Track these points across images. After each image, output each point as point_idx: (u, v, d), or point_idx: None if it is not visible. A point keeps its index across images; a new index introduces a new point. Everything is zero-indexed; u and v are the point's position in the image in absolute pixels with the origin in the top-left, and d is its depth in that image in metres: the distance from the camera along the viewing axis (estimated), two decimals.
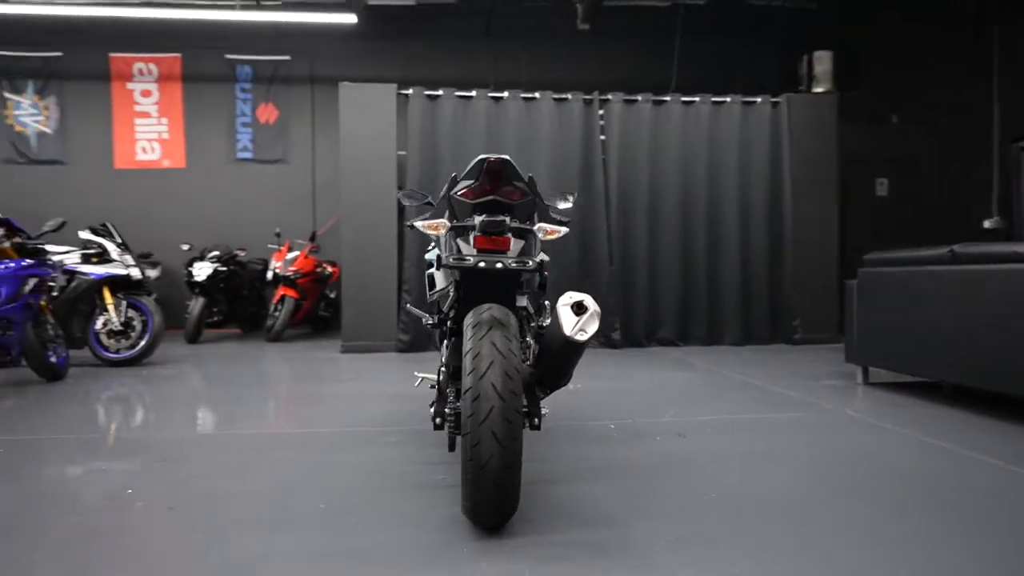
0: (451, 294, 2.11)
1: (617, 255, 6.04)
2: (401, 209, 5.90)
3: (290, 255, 6.87)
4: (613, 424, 2.97)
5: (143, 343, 4.85)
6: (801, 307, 6.16)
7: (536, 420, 1.78)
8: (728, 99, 6.19)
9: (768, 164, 6.20)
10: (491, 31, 8.18)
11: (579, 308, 1.75)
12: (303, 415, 3.33)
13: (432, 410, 1.84)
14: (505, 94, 5.94)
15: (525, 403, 1.79)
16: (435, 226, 1.81)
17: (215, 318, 6.96)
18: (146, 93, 8.20)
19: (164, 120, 8.23)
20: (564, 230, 1.82)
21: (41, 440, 2.75)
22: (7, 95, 8.02)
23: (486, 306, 1.73)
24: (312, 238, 7.15)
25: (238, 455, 2.52)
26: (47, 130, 8.09)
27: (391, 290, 5.73)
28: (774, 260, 6.22)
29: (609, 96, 6.07)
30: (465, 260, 1.71)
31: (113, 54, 8.12)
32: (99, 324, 4.83)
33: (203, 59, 8.18)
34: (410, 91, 5.85)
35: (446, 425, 1.80)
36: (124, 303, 4.87)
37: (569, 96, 6.01)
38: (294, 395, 3.96)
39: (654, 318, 6.11)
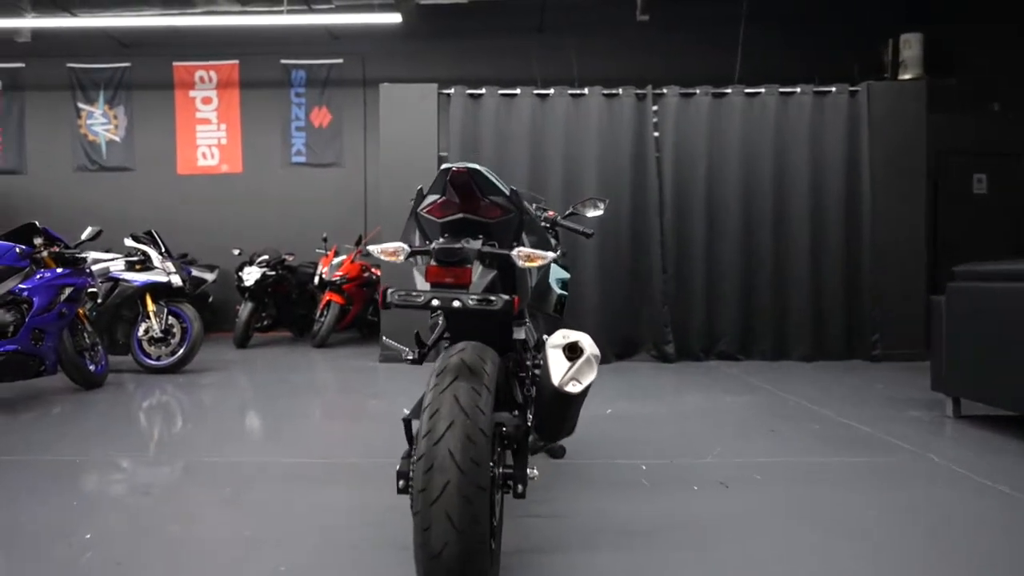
0: (440, 323, 1.84)
1: (672, 261, 5.59)
2: None
3: (336, 260, 6.80)
4: (645, 465, 2.60)
5: (181, 351, 4.84)
6: (881, 320, 5.51)
7: (520, 486, 1.46)
8: (798, 89, 5.62)
9: (844, 160, 5.58)
10: (543, 26, 7.85)
11: (572, 351, 1.43)
12: (319, 439, 3.14)
13: (399, 465, 1.51)
14: (551, 91, 5.61)
15: (508, 464, 1.48)
16: (392, 252, 1.52)
17: (264, 322, 6.98)
18: (206, 100, 8.38)
19: (223, 126, 8.38)
20: (549, 255, 1.48)
21: (30, 462, 2.67)
22: (81, 106, 8.38)
23: (459, 346, 1.43)
24: (358, 243, 7.06)
25: (229, 489, 2.33)
26: (116, 138, 8.41)
27: None
28: (850, 266, 5.60)
29: (663, 90, 5.62)
30: (412, 299, 1.40)
31: (176, 63, 8.34)
32: (141, 331, 4.86)
33: (259, 65, 8.27)
34: (451, 90, 5.62)
35: (409, 490, 1.47)
36: (165, 310, 4.88)
37: (620, 91, 5.60)
38: (318, 412, 3.79)
39: (712, 330, 5.62)
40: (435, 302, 1.37)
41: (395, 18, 6.93)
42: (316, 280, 6.79)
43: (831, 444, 2.92)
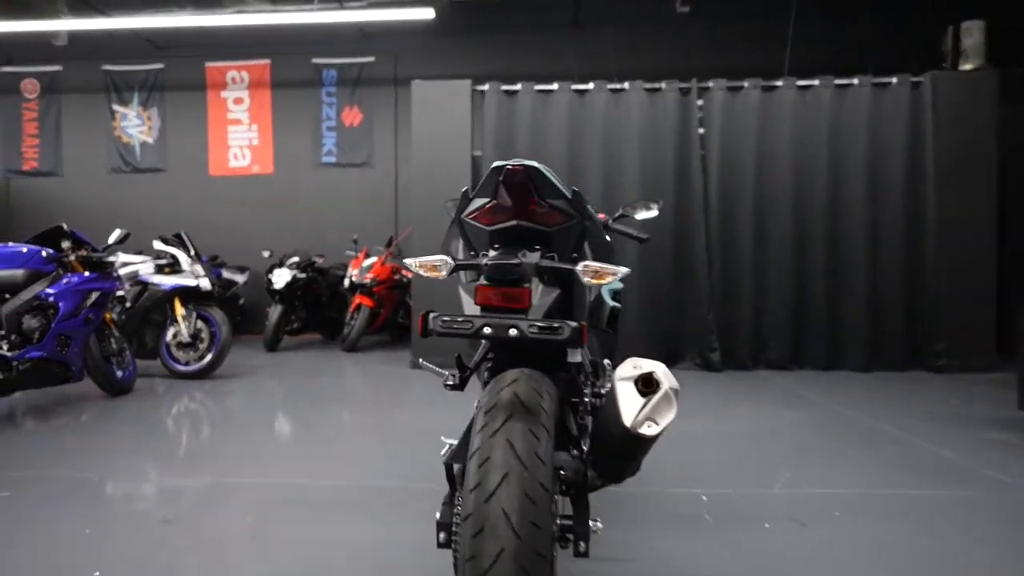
0: (482, 343, 1.61)
1: (718, 264, 5.29)
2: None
3: (366, 262, 6.65)
4: (705, 495, 2.35)
5: (210, 356, 4.72)
6: (947, 326, 5.12)
7: (582, 543, 1.22)
8: (855, 81, 5.26)
9: (905, 155, 5.20)
10: (579, 20, 7.59)
11: (647, 386, 1.20)
12: (349, 457, 2.95)
13: (439, 514, 1.30)
14: (590, 86, 5.36)
15: (567, 516, 1.25)
16: (433, 266, 1.30)
17: (294, 325, 6.87)
18: (238, 101, 8.32)
19: (254, 127, 8.31)
20: (623, 271, 1.25)
21: (48, 478, 2.54)
22: (115, 107, 8.40)
23: (511, 375, 1.21)
24: (389, 244, 6.90)
25: (251, 518, 2.15)
26: (149, 140, 8.41)
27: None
28: (912, 270, 5.22)
29: (709, 83, 5.32)
30: (460, 327, 1.17)
31: (209, 63, 8.30)
32: (169, 335, 4.76)
33: (290, 64, 8.18)
34: (486, 87, 5.41)
35: (452, 545, 1.24)
36: (193, 314, 4.77)
37: (663, 85, 5.32)
38: (349, 425, 3.61)
39: (761, 336, 5.30)
40: (488, 330, 1.15)
41: (428, 13, 6.74)
42: (346, 283, 6.65)
43: (912, 473, 2.62)
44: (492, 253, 1.28)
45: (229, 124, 8.33)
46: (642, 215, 2.45)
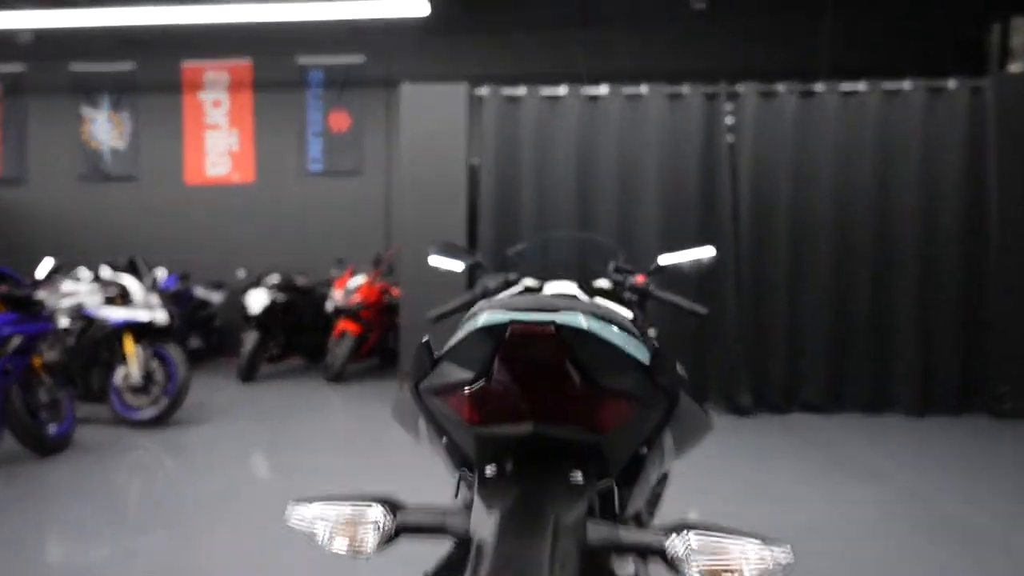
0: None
1: (748, 291, 4.66)
2: (472, 234, 4.85)
3: (352, 283, 6.02)
4: None
5: (165, 403, 4.09)
6: (1011, 363, 4.49)
7: None
8: (905, 85, 4.63)
9: (964, 169, 4.57)
10: (588, 17, 6.96)
11: None
12: (281, 556, 2.31)
13: None
14: (602, 90, 4.72)
15: None
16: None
17: (273, 352, 6.23)
18: (217, 103, 7.69)
19: (234, 131, 7.68)
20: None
21: None
22: (84, 111, 7.77)
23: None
24: (377, 263, 6.26)
25: None
26: (120, 145, 7.77)
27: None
28: (970, 297, 4.60)
29: (739, 88, 4.68)
30: None
31: (185, 63, 7.67)
32: (119, 378, 4.13)
33: (273, 64, 7.55)
34: (484, 91, 4.78)
35: None
36: (145, 354, 4.13)
37: (686, 89, 4.69)
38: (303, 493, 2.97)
39: (795, 373, 4.67)
40: None
41: (423, 9, 6.11)
42: (329, 307, 6.02)
43: None
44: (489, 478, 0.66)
45: (207, 129, 7.70)
46: (690, 263, 1.84)
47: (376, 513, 0.74)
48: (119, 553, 2.32)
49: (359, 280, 6.06)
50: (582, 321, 0.74)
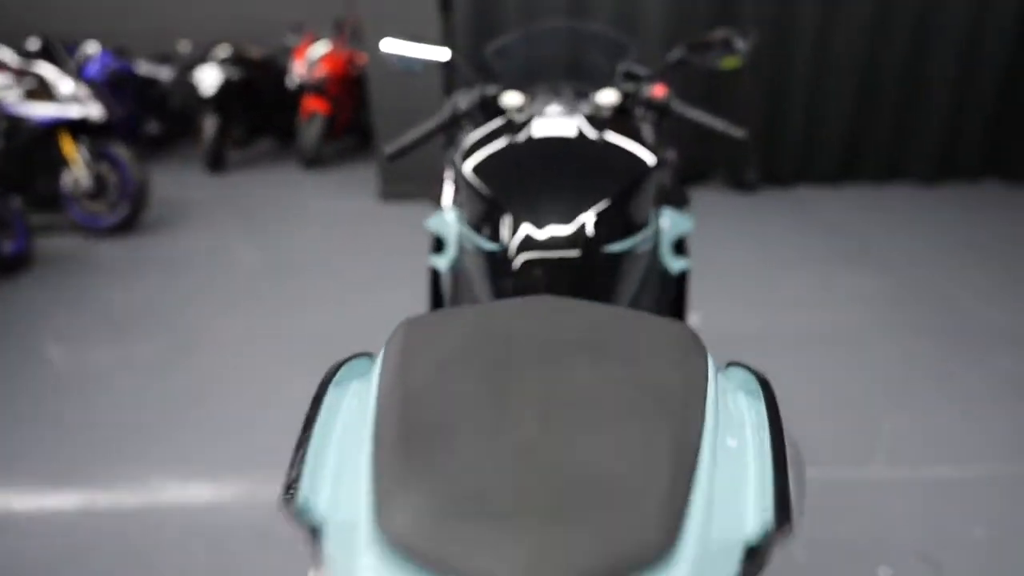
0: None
1: (767, 48, 4.06)
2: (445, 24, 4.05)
3: (313, 52, 5.26)
4: None
5: (126, 206, 3.77)
6: None
7: None
8: None
9: None
10: None
11: None
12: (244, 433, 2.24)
13: None
14: None
15: None
16: None
17: (238, 136, 5.70)
18: None
19: None
20: None
21: None
22: None
23: None
24: (339, 27, 5.40)
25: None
26: None
27: (437, 98, 4.14)
28: (1014, 65, 4.03)
29: None
30: None
31: None
32: (67, 184, 3.75)
33: None
34: None
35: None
36: (90, 155, 3.69)
37: None
38: (297, 298, 2.84)
39: (809, 146, 4.31)
40: None
41: None
42: (291, 83, 5.35)
43: None
44: None
45: None
46: (724, 59, 1.40)
47: None
48: (126, 358, 2.24)
49: (321, 48, 5.30)
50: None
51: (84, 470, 1.81)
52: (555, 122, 1.11)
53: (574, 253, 0.93)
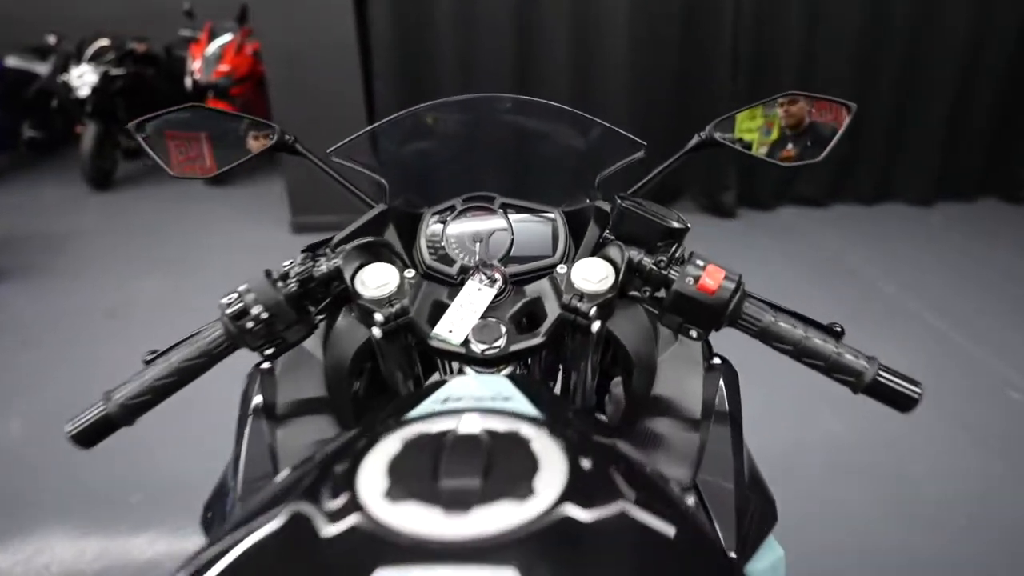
0: None
1: (748, 62, 3.49)
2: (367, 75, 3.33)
3: (213, 47, 4.41)
4: None
5: None
6: None
7: None
8: None
9: None
10: None
11: None
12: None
13: None
14: None
15: None
16: None
17: (127, 144, 4.78)
18: None
19: None
20: None
21: None
22: None
23: None
24: (242, 17, 4.55)
25: None
26: None
27: (358, 113, 3.40)
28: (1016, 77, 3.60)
29: None
30: None
31: None
32: None
33: None
34: None
35: None
36: None
37: None
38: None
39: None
40: None
41: None
42: (189, 81, 4.49)
43: None
44: None
45: None
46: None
47: None
48: None
49: (221, 41, 4.45)
50: None
51: None
52: (480, 422, 0.43)
53: None
